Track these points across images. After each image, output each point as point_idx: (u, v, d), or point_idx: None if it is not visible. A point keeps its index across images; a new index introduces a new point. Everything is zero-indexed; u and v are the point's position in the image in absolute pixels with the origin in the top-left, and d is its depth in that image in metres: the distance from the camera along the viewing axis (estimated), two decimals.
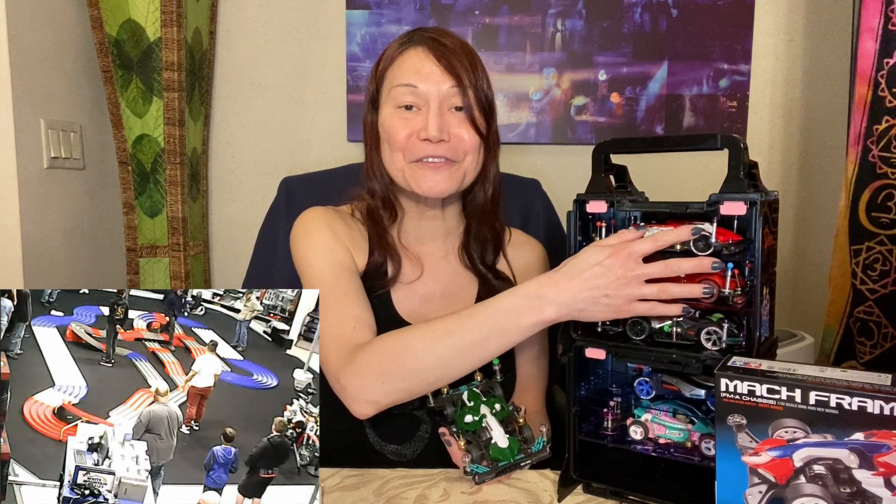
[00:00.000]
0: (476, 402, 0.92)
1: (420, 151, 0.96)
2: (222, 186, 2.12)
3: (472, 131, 0.97)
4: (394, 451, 1.02)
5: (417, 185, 0.98)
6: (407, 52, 0.98)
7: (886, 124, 1.47)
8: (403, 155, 0.98)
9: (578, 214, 0.84)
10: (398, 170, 0.99)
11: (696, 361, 0.76)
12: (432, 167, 0.97)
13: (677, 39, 1.95)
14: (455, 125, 0.97)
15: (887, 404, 0.59)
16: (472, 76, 0.97)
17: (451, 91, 0.96)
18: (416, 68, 0.96)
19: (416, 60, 0.97)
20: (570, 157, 2.02)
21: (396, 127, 0.97)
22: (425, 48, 0.97)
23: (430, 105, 0.96)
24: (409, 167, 0.98)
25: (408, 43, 0.99)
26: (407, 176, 0.99)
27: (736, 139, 0.75)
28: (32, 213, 1.56)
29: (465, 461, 0.86)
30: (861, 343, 1.55)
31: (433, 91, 0.96)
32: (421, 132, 0.95)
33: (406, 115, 0.97)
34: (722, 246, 0.76)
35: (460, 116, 0.97)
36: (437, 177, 0.97)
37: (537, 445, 0.89)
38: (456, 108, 0.97)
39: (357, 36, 1.99)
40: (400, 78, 0.97)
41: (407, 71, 0.97)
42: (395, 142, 0.98)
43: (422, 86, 0.96)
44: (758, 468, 0.65)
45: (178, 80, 1.79)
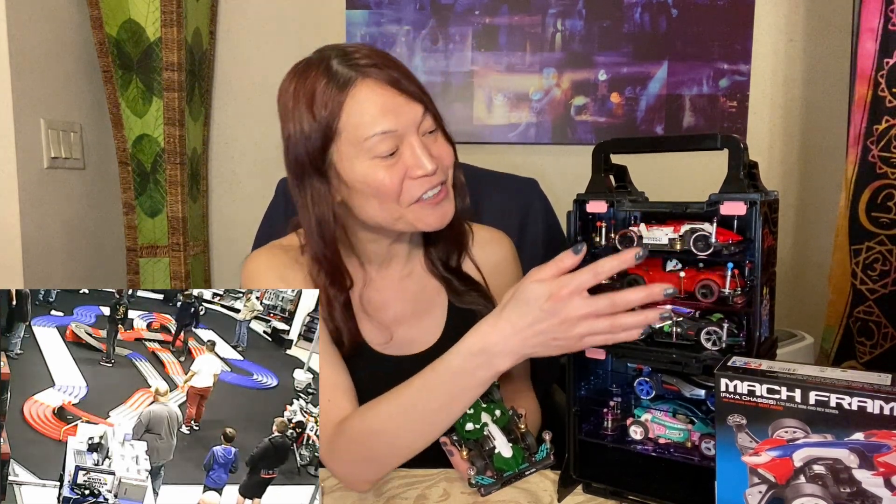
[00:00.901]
0: (476, 408, 0.90)
1: (419, 190, 0.87)
2: (222, 186, 2.12)
3: (447, 144, 0.92)
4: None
5: (424, 223, 0.90)
6: (354, 92, 0.85)
7: (886, 124, 1.47)
8: (400, 202, 0.87)
9: (578, 214, 0.84)
10: (395, 219, 0.89)
11: (696, 361, 0.76)
12: (434, 202, 0.89)
13: (677, 39, 1.95)
14: (433, 145, 0.89)
15: (887, 404, 0.59)
16: (418, 84, 0.89)
17: (423, 116, 0.87)
18: (382, 109, 0.84)
19: (376, 99, 0.85)
20: (570, 157, 2.02)
21: (385, 178, 0.86)
22: (373, 81, 0.85)
23: (411, 140, 0.86)
24: (409, 210, 0.88)
25: (346, 82, 0.85)
26: (410, 219, 0.89)
27: (736, 139, 0.75)
28: (32, 213, 1.56)
29: (471, 473, 0.85)
30: (861, 343, 1.55)
31: (410, 125, 0.86)
32: (413, 170, 0.86)
33: (389, 162, 0.86)
34: (722, 246, 0.76)
35: (434, 135, 0.90)
36: (443, 208, 0.90)
37: (541, 453, 0.88)
38: (430, 131, 0.89)
39: (357, 36, 1.99)
40: (369, 127, 0.84)
41: (374, 116, 0.84)
42: (388, 193, 0.86)
43: (399, 126, 0.85)
44: (758, 468, 0.65)
45: (178, 80, 1.79)
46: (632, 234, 0.81)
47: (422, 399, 0.78)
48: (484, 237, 1.07)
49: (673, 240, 0.79)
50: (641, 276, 0.81)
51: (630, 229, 0.82)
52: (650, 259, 0.83)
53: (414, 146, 0.86)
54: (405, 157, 0.86)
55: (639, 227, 0.81)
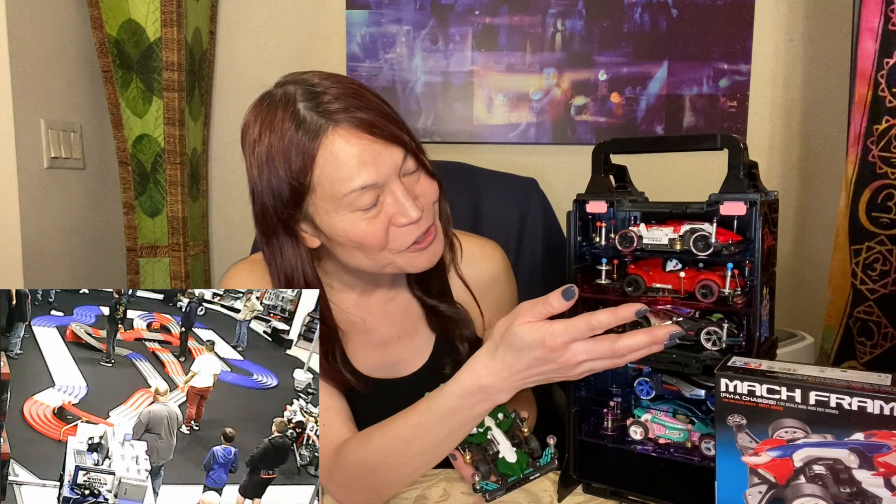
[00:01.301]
0: None
1: (408, 238, 0.82)
2: (222, 186, 2.12)
3: (430, 181, 0.85)
4: None
5: (414, 266, 0.86)
6: (326, 143, 0.77)
7: (886, 124, 1.47)
8: (388, 250, 0.83)
9: (578, 215, 0.84)
10: (384, 265, 0.85)
11: (696, 361, 0.76)
12: (424, 245, 0.84)
13: (677, 39, 1.95)
14: (415, 186, 0.83)
15: (887, 404, 0.59)
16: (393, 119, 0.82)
17: (404, 158, 0.81)
18: (359, 161, 0.77)
19: (353, 150, 0.77)
20: (570, 157, 2.02)
21: (368, 230, 0.80)
22: (345, 128, 0.77)
23: (394, 188, 0.80)
24: (399, 256, 0.84)
25: (317, 131, 0.77)
26: (400, 264, 0.85)
27: (736, 139, 0.75)
28: (32, 213, 1.56)
29: (476, 479, 0.83)
30: (861, 343, 1.55)
31: (391, 172, 0.80)
32: (398, 218, 0.81)
33: (371, 213, 0.80)
34: (722, 246, 0.76)
35: (417, 174, 0.84)
36: (432, 249, 0.86)
37: (545, 458, 0.87)
38: (411, 172, 0.83)
39: (357, 36, 1.99)
40: (347, 182, 0.77)
41: (352, 169, 0.77)
42: (375, 245, 0.81)
43: (380, 178, 0.78)
44: (758, 468, 0.65)
45: (178, 80, 1.79)
46: (632, 234, 0.81)
47: (419, 436, 0.77)
48: (474, 252, 1.01)
49: (673, 240, 0.79)
50: (642, 277, 0.81)
51: (630, 229, 0.82)
52: (650, 259, 0.83)
53: (396, 193, 0.80)
54: (388, 205, 0.81)
55: (639, 227, 0.81)
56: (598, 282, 0.86)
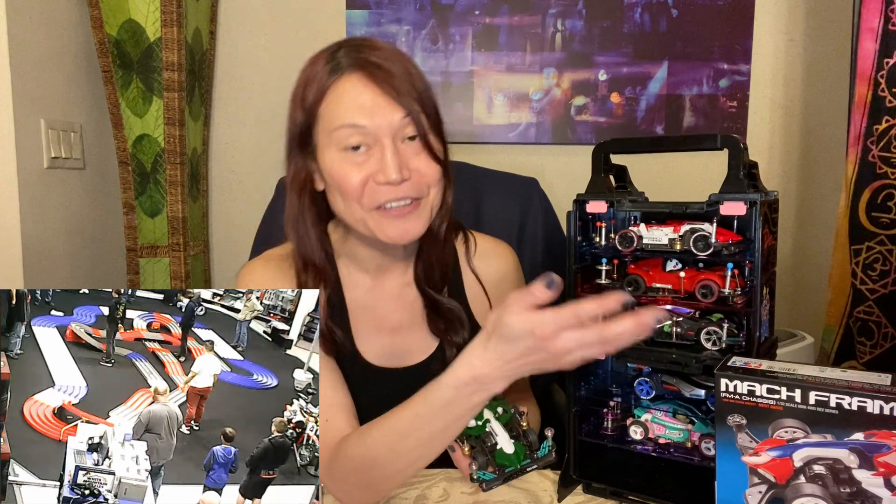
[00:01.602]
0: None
1: (381, 197, 0.85)
2: (222, 186, 2.12)
3: (431, 161, 0.87)
4: None
5: (384, 234, 0.87)
6: (340, 82, 0.85)
7: (886, 124, 1.47)
8: (361, 204, 0.86)
9: (578, 214, 0.84)
10: (357, 220, 0.88)
11: (696, 361, 0.76)
12: (398, 214, 0.86)
13: (677, 39, 1.95)
14: (413, 158, 0.86)
15: (887, 404, 0.59)
16: (418, 94, 0.86)
17: (403, 122, 0.85)
18: (357, 103, 0.84)
19: (356, 94, 0.84)
20: (570, 157, 2.02)
21: (348, 174, 0.85)
22: (360, 75, 0.84)
23: (383, 143, 0.84)
24: (370, 215, 0.87)
25: (338, 70, 0.85)
26: (370, 225, 0.87)
27: (736, 139, 0.75)
28: (32, 213, 1.56)
29: (473, 468, 0.84)
30: (861, 343, 1.55)
31: (383, 127, 0.84)
32: (378, 175, 0.84)
33: (356, 158, 0.85)
34: (722, 246, 0.76)
35: (416, 146, 0.87)
36: (406, 224, 0.87)
37: (543, 450, 0.88)
38: (409, 137, 0.86)
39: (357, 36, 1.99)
40: (341, 117, 0.84)
41: (347, 108, 0.84)
42: (349, 191, 0.85)
43: (370, 123, 0.83)
44: (758, 468, 0.65)
45: (178, 80, 1.79)
46: (632, 234, 0.81)
47: (416, 428, 0.77)
48: (486, 248, 1.05)
49: (673, 240, 0.79)
50: (642, 277, 0.81)
51: (630, 229, 0.82)
52: (650, 259, 0.83)
53: (385, 151, 0.83)
54: (374, 159, 0.84)
55: (639, 227, 0.81)
56: (598, 282, 0.86)
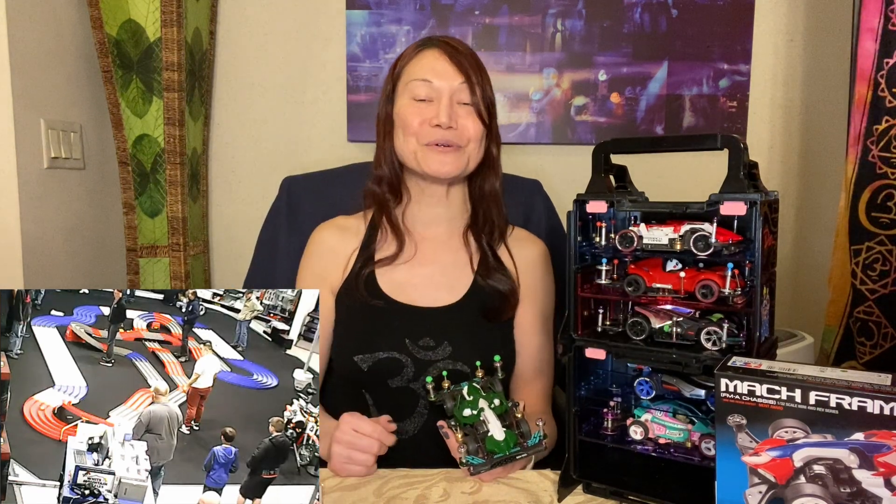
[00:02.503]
0: (475, 396, 0.94)
1: (431, 136, 1.07)
2: (222, 186, 2.12)
3: (477, 122, 1.09)
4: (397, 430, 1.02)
5: (428, 165, 1.08)
6: (423, 52, 1.11)
7: (886, 124, 1.47)
8: (417, 139, 1.08)
9: (578, 214, 0.84)
10: (411, 152, 1.09)
11: (696, 361, 0.76)
12: (440, 151, 1.07)
13: (677, 39, 1.95)
14: (462, 116, 1.08)
15: (887, 404, 0.59)
16: (479, 78, 1.10)
17: (461, 87, 1.08)
18: (430, 66, 1.09)
19: (432, 59, 1.10)
20: (570, 157, 2.02)
21: (411, 114, 1.08)
22: (440, 50, 1.10)
23: (442, 98, 1.08)
24: (420, 149, 1.08)
25: (424, 46, 1.12)
26: (419, 157, 1.09)
27: (736, 139, 0.75)
28: (32, 213, 1.56)
29: (461, 452, 0.87)
30: (861, 343, 1.55)
31: (445, 86, 1.08)
32: (433, 119, 1.07)
33: (420, 106, 1.08)
34: (722, 246, 0.76)
35: (468, 109, 1.09)
36: (445, 158, 1.08)
37: (534, 440, 0.90)
38: (464, 103, 1.09)
39: (357, 36, 1.99)
40: (416, 74, 1.09)
41: (423, 68, 1.09)
42: (409, 127, 1.09)
43: (436, 81, 1.08)
44: (758, 468, 0.65)
45: (178, 80, 1.79)
46: (632, 234, 0.81)
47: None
48: (521, 235, 1.22)
49: (673, 240, 0.79)
50: (642, 277, 0.81)
51: (630, 229, 0.82)
52: (650, 259, 0.83)
53: (442, 102, 1.07)
54: (432, 107, 1.08)
55: (639, 227, 0.81)
56: (598, 282, 0.86)
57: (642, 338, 0.82)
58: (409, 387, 1.07)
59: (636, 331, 0.82)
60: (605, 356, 0.83)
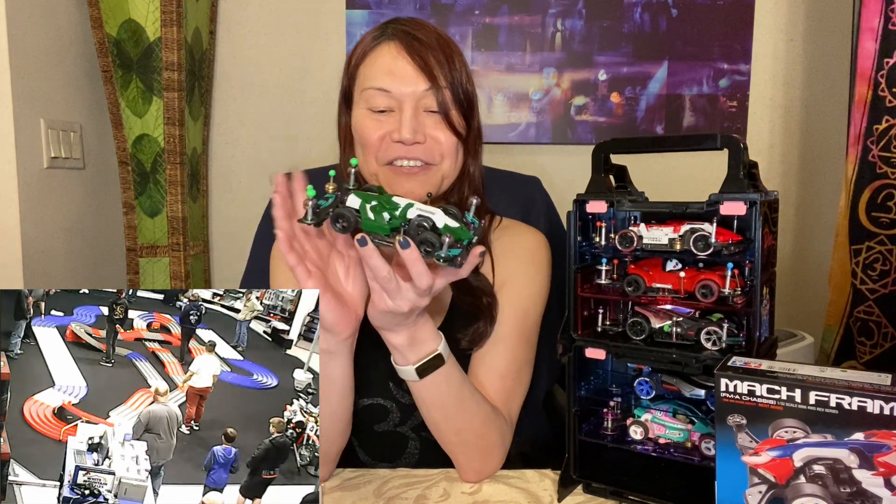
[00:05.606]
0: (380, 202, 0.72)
1: (393, 153, 0.90)
2: (222, 186, 2.12)
3: (448, 133, 0.91)
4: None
5: (392, 191, 0.85)
6: (379, 48, 0.92)
7: (886, 124, 1.47)
8: (376, 158, 0.92)
9: (578, 214, 0.84)
10: (371, 173, 0.93)
11: (696, 361, 0.76)
12: (407, 173, 0.91)
13: (677, 39, 1.95)
14: (431, 126, 0.91)
15: (887, 404, 0.59)
16: (449, 73, 0.91)
17: (426, 93, 0.90)
18: (388, 68, 0.90)
19: (389, 59, 0.91)
20: (570, 157, 2.02)
21: (368, 129, 0.91)
22: (398, 44, 0.90)
23: (404, 107, 0.90)
24: (382, 171, 0.92)
25: (380, 37, 0.92)
26: (381, 180, 0.92)
27: (736, 139, 0.75)
28: (32, 213, 1.56)
29: (440, 254, 0.69)
30: (861, 343, 1.55)
31: (407, 94, 0.90)
32: (394, 134, 0.89)
33: (379, 118, 0.91)
34: (722, 246, 0.76)
35: (436, 118, 0.91)
36: (411, 183, 0.91)
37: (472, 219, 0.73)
38: (432, 110, 0.91)
39: (357, 36, 1.99)
40: (371, 79, 0.91)
41: (379, 72, 0.91)
42: (367, 145, 0.92)
43: (395, 89, 0.90)
44: (758, 468, 0.65)
45: (178, 80, 1.79)
46: (632, 234, 0.81)
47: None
48: (507, 224, 1.06)
49: (673, 240, 0.79)
50: (642, 277, 0.81)
51: (630, 229, 0.82)
52: (650, 259, 0.83)
53: (404, 114, 0.89)
54: (393, 119, 0.90)
55: (639, 226, 0.81)
56: (598, 282, 0.86)
57: (642, 338, 0.81)
58: (397, 430, 0.99)
59: (636, 331, 0.82)
60: (605, 356, 0.83)
